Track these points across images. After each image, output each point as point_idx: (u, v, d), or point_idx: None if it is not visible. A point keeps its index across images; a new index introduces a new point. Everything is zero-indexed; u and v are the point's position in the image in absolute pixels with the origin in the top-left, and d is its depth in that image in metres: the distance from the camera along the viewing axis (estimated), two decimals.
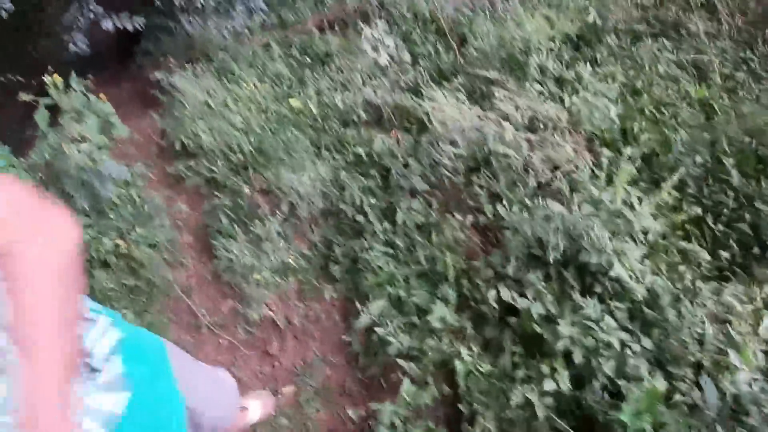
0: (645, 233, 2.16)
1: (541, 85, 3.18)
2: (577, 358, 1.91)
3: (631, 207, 2.19)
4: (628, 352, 1.90)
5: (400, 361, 2.27)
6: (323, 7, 4.95)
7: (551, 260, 2.17)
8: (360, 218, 2.84)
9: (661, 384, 1.80)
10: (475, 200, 2.73)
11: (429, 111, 2.95)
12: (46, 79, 2.68)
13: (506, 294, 2.19)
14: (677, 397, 1.81)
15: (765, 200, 2.36)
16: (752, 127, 2.66)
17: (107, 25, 3.36)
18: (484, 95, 3.23)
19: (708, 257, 2.26)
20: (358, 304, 2.52)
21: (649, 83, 3.23)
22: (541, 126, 2.80)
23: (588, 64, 3.30)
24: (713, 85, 3.15)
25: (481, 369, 2.14)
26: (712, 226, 2.40)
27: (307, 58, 4.27)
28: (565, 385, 1.91)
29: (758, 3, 3.63)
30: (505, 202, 2.56)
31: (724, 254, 2.30)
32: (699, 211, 2.42)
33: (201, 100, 3.82)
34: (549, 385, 1.92)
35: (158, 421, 0.96)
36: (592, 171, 2.53)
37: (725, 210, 2.44)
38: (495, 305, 2.24)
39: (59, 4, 3.77)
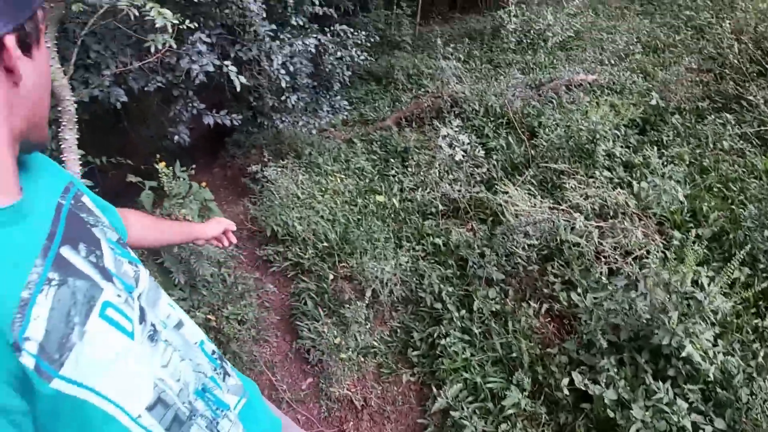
0: (716, 313, 2.14)
1: (610, 171, 3.27)
2: None
3: (702, 288, 2.19)
4: None
5: None
6: (401, 105, 5.35)
7: (624, 345, 2.19)
8: (438, 306, 2.95)
9: None
10: (550, 288, 2.81)
11: (502, 204, 3.10)
12: (158, 166, 3.05)
13: (579, 380, 2.21)
14: None
15: None
16: None
17: (208, 120, 3.75)
18: (555, 185, 3.37)
19: None
20: (434, 388, 2.60)
21: (716, 160, 3.25)
22: (611, 213, 2.87)
23: (654, 146, 3.37)
24: None
25: None
26: None
27: (387, 154, 4.60)
28: None
29: None
30: (579, 289, 2.63)
31: None
32: None
33: (291, 192, 4.18)
34: None
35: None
36: (663, 254, 2.55)
37: None
38: (568, 391, 2.26)
39: (165, 98, 4.24)
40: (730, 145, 3.33)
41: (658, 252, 2.57)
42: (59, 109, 2.62)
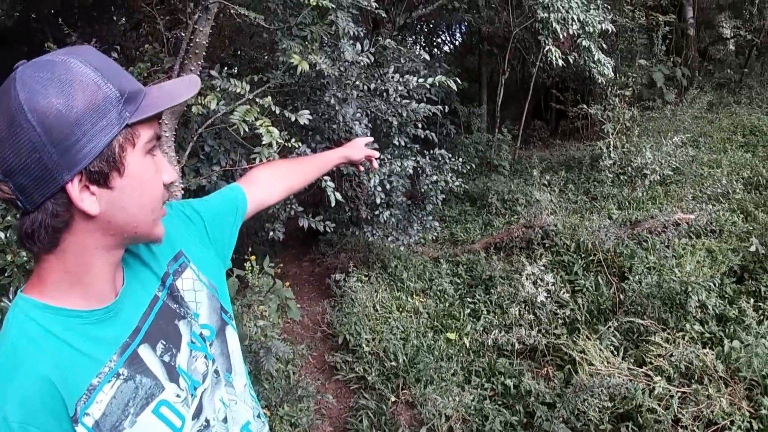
0: None
1: (702, 324, 3.05)
2: None
3: None
4: None
5: None
6: (492, 230, 5.36)
7: None
8: None
9: None
10: None
11: (579, 359, 2.99)
12: (247, 263, 3.21)
13: None
14: None
15: None
16: None
17: (303, 222, 3.93)
18: (640, 338, 3.18)
19: None
20: None
21: None
22: (697, 376, 2.65)
23: (751, 298, 3.15)
24: None
25: None
26: None
27: (472, 279, 4.55)
28: None
29: None
30: None
31: None
32: None
33: (370, 305, 4.22)
34: None
35: None
36: (749, 424, 2.27)
37: None
38: None
39: None
40: None
41: (743, 422, 2.30)
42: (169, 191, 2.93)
